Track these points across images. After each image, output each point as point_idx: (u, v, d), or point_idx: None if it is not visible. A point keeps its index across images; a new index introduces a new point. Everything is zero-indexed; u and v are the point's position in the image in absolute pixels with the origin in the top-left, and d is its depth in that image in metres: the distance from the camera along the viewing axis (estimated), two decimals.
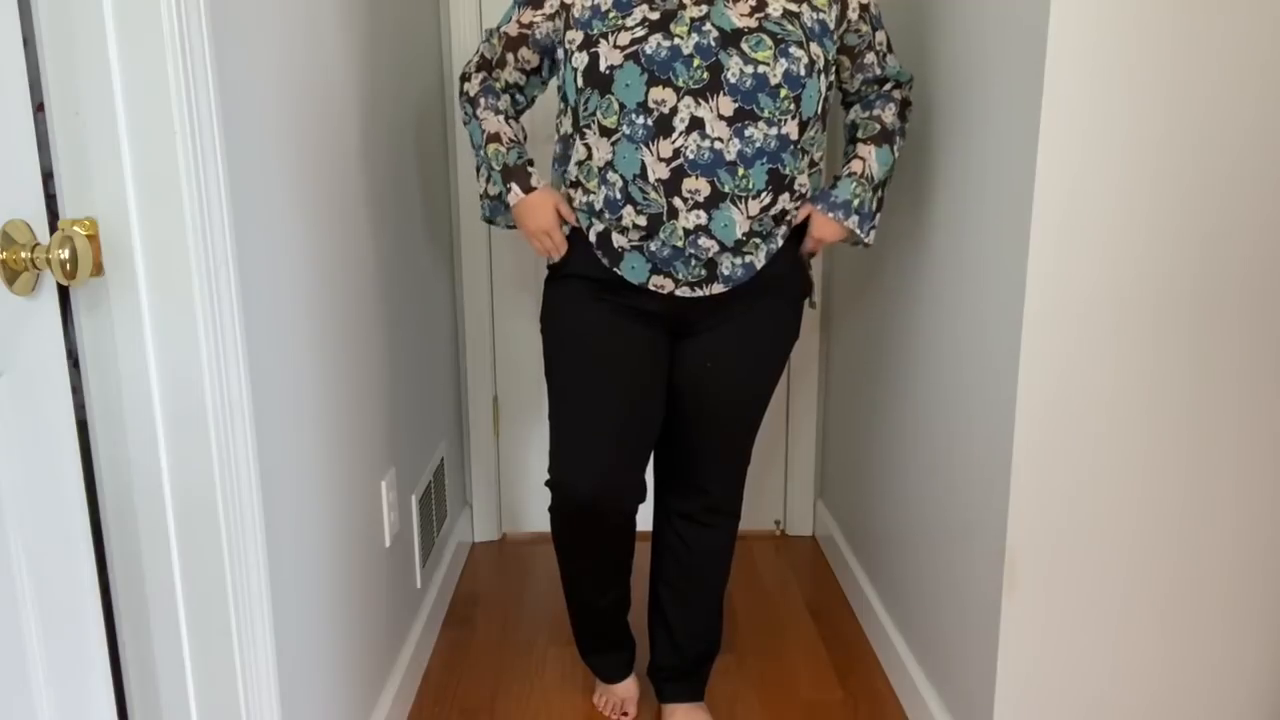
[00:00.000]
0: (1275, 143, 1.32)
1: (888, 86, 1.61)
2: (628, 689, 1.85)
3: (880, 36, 1.56)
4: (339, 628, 1.46)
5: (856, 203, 1.53)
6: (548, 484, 1.61)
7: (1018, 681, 1.48)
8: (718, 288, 1.49)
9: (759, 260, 1.50)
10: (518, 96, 1.65)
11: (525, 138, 1.61)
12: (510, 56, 1.58)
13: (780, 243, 1.52)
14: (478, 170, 1.62)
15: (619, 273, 1.50)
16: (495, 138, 1.56)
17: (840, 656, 2.05)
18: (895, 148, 1.58)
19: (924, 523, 1.78)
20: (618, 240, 1.49)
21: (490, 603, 2.28)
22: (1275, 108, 1.30)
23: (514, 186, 1.54)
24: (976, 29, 1.52)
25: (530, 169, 1.55)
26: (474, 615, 2.22)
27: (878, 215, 1.57)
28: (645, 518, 1.75)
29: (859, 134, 1.59)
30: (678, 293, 1.50)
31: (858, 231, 1.54)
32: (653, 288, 1.49)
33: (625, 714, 1.84)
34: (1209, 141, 1.31)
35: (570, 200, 1.53)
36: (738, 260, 1.48)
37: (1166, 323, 1.37)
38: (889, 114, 1.58)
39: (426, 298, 2.10)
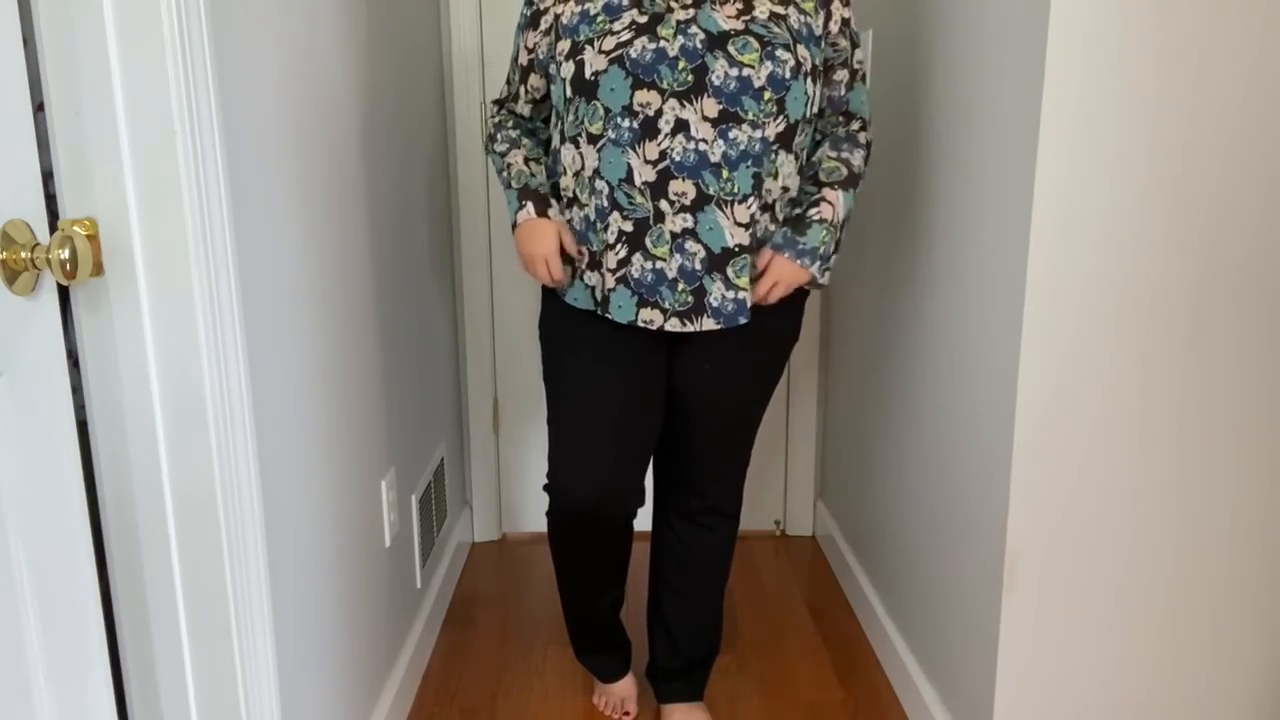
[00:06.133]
0: (1271, 142, 1.32)
1: (854, 126, 1.56)
2: (626, 687, 1.85)
3: (858, 55, 1.53)
4: (339, 628, 1.46)
5: (822, 249, 1.51)
6: (546, 488, 1.61)
7: (1018, 681, 1.48)
8: (709, 323, 1.46)
9: (751, 297, 1.47)
10: (532, 126, 1.64)
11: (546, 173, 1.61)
12: (523, 89, 1.59)
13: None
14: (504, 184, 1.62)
15: (609, 316, 1.48)
16: (512, 163, 1.57)
17: (840, 656, 2.05)
18: (857, 192, 1.55)
19: (924, 523, 1.78)
20: (606, 280, 1.47)
21: (490, 603, 2.28)
22: (1271, 105, 1.30)
23: (529, 205, 1.52)
24: (977, 28, 1.52)
25: (551, 200, 1.54)
26: (474, 615, 2.22)
27: (834, 258, 1.54)
28: (645, 518, 1.75)
29: (825, 178, 1.53)
30: (667, 327, 1.47)
31: (818, 277, 1.52)
32: (641, 324, 1.47)
33: (627, 713, 1.84)
34: (1208, 142, 1.31)
35: (570, 222, 1.51)
36: (729, 293, 1.46)
37: (1166, 323, 1.37)
38: (857, 158, 1.54)
39: (426, 297, 2.10)
